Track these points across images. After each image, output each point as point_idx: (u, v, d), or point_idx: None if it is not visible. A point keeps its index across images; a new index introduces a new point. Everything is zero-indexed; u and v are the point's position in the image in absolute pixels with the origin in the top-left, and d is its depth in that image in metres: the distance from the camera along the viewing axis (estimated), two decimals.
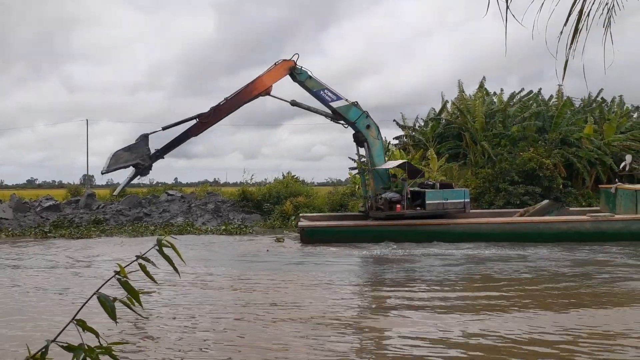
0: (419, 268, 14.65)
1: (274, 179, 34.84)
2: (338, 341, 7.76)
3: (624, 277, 12.63)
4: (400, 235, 19.98)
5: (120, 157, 17.90)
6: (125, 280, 2.12)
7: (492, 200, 27.25)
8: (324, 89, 20.65)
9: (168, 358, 7.23)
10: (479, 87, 34.76)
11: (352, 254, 17.55)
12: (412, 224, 20.37)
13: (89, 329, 2.11)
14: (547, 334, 8.00)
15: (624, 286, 11.64)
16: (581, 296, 10.64)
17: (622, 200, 20.96)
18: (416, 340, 7.70)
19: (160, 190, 36.93)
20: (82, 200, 30.91)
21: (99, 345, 2.11)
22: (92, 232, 24.79)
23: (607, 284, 11.83)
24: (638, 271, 13.42)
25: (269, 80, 19.89)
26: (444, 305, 10.03)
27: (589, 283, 11.99)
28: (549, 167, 27.41)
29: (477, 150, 30.89)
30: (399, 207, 20.61)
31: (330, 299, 10.74)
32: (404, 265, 15.15)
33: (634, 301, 10.35)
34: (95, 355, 2.07)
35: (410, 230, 20.14)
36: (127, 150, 17.94)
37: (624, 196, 20.89)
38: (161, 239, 2.20)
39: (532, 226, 20.16)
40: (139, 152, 18.15)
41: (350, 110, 20.99)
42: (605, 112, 34.04)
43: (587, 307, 9.63)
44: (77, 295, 11.48)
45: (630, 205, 20.32)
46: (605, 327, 8.27)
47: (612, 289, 11.36)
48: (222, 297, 11.34)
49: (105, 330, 5.44)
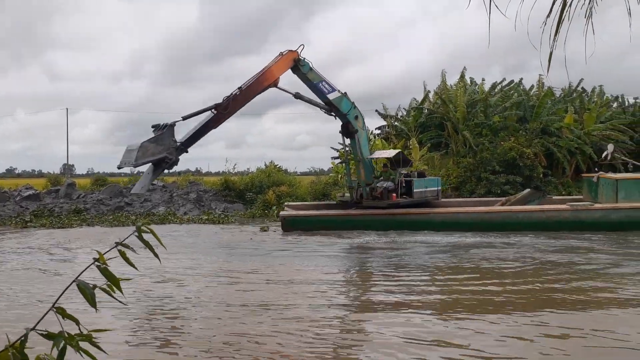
0: (408, 256, 14.74)
1: (257, 168, 34.78)
2: (321, 337, 7.78)
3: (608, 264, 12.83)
4: (384, 224, 20.22)
5: (147, 149, 16.57)
6: (105, 267, 2.12)
7: (473, 189, 27.49)
8: (322, 81, 20.40)
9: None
10: (460, 77, 34.89)
11: (336, 242, 17.64)
12: (398, 213, 20.65)
13: (68, 316, 2.10)
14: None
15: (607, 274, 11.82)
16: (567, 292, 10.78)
17: (604, 190, 21.07)
18: (404, 336, 7.73)
19: None
20: (62, 190, 30.62)
21: (79, 333, 2.10)
22: (72, 221, 24.58)
23: (591, 273, 12.01)
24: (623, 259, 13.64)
25: (277, 72, 19.41)
26: (429, 299, 10.12)
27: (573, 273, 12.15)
28: (529, 156, 27.66)
29: (459, 140, 31.06)
30: (394, 196, 20.82)
31: (316, 291, 10.78)
32: (395, 254, 15.23)
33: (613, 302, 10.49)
34: (76, 343, 2.06)
35: (395, 220, 20.41)
36: (154, 142, 16.66)
37: (606, 185, 21.02)
38: (140, 226, 2.19)
39: (512, 215, 20.30)
40: (166, 145, 16.91)
41: (343, 102, 20.87)
42: (586, 102, 34.34)
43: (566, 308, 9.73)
44: (59, 283, 11.39)
45: (611, 194, 20.48)
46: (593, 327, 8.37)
47: (596, 276, 11.54)
48: (204, 287, 11.33)
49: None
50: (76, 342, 2.06)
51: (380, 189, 21.02)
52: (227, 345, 7.23)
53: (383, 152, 23.54)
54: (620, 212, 19.55)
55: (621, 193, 19.92)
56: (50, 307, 2.10)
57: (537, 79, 34.59)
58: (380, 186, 21.09)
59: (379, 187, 21.12)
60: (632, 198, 19.79)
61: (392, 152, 22.62)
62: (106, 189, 31.11)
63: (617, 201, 19.89)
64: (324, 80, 20.41)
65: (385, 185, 21.06)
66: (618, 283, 10.72)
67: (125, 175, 42.89)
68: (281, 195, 28.41)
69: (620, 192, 19.93)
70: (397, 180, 21.20)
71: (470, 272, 12.32)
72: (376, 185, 21.26)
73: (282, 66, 19.49)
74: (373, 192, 21.23)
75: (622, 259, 13.61)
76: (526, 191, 23.11)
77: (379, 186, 21.16)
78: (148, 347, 7.27)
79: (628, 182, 20.25)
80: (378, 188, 21.12)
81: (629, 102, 37.86)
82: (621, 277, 11.26)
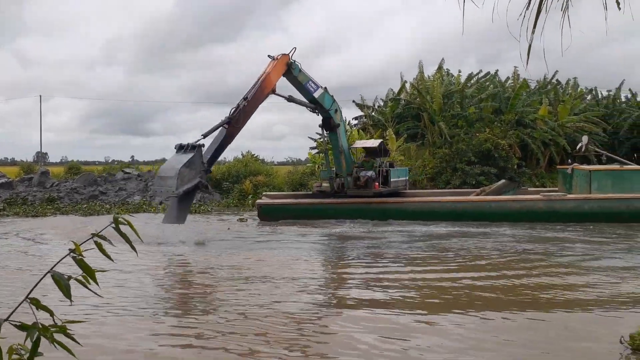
0: (386, 246, 14.83)
1: (234, 158, 34.63)
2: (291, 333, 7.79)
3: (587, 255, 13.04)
4: (365, 213, 20.49)
5: (184, 175, 16.35)
6: (81, 258, 2.10)
7: (448, 179, 27.74)
8: (309, 81, 20.22)
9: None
10: (438, 68, 35.03)
11: (312, 232, 17.67)
12: (375, 202, 20.95)
13: (42, 307, 2.08)
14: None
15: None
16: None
17: (578, 181, 21.47)
18: (374, 332, 7.76)
19: (116, 168, 36.35)
20: (35, 178, 30.18)
21: (53, 324, 2.08)
22: (46, 210, 24.25)
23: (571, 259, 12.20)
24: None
25: (274, 78, 19.09)
26: (403, 294, 10.19)
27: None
28: (504, 147, 27.97)
29: (435, 131, 31.23)
30: (377, 185, 21.09)
31: (294, 284, 10.79)
32: (373, 243, 15.30)
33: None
34: (50, 334, 2.04)
35: (371, 209, 20.59)
36: (188, 166, 16.38)
37: (580, 176, 21.44)
38: (117, 217, 2.17)
39: (486, 205, 20.52)
40: (198, 168, 16.77)
41: (325, 98, 20.77)
42: (560, 94, 34.72)
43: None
44: (33, 275, 11.24)
45: (585, 185, 20.88)
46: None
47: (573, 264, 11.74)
48: (178, 277, 11.29)
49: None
50: (50, 333, 2.04)
51: (365, 178, 21.18)
52: (199, 338, 7.21)
53: (366, 141, 23.85)
54: (592, 203, 19.89)
55: (594, 184, 20.29)
56: (23, 298, 2.07)
57: (513, 71, 34.93)
58: (364, 175, 21.23)
59: (363, 176, 21.25)
60: (605, 189, 20.18)
61: (375, 142, 22.92)
62: (80, 177, 30.72)
63: (590, 192, 20.24)
64: (310, 79, 20.26)
65: (368, 174, 21.23)
66: (594, 277, 10.92)
67: (100, 163, 42.51)
68: (258, 185, 28.35)
69: (593, 183, 20.30)
70: (379, 170, 21.49)
71: (447, 263, 12.45)
72: (359, 175, 21.38)
73: (278, 71, 19.19)
74: (357, 181, 21.36)
75: (597, 249, 13.88)
76: (501, 182, 23.40)
77: (362, 175, 21.29)
78: (125, 341, 7.22)
79: (601, 173, 20.66)
80: (362, 177, 21.25)
81: (603, 95, 38.43)
82: (599, 271, 11.47)
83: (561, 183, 23.53)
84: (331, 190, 21.95)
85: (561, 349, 6.54)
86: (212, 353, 6.58)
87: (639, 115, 34.13)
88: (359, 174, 21.42)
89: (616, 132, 34.51)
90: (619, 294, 9.28)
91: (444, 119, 31.00)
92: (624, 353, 6.25)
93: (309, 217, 20.36)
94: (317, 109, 20.86)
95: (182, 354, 6.59)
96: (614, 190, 20.17)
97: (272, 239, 16.72)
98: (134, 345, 6.87)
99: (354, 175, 21.45)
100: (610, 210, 19.61)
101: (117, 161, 43.33)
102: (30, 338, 2.01)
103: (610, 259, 12.53)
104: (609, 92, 38.11)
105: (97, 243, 2.16)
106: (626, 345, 6.34)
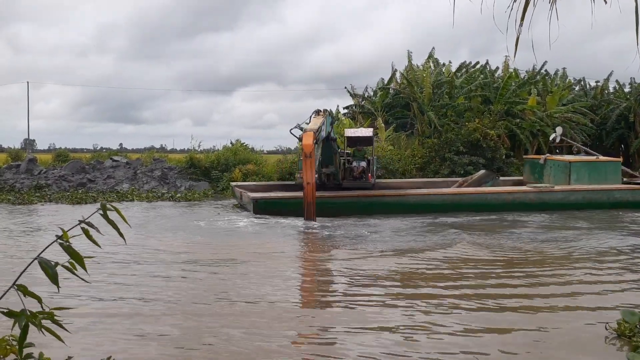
0: (387, 239, 14.87)
1: (223, 146, 34.46)
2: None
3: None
4: (362, 207, 19.45)
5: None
6: (68, 244, 2.10)
7: (437, 169, 27.85)
8: (321, 132, 18.27)
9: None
10: (428, 57, 35.04)
11: (300, 225, 17.48)
12: (376, 195, 20.13)
13: (30, 294, 2.08)
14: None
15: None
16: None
17: (552, 171, 21.93)
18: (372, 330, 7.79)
19: (105, 155, 36.11)
20: (22, 165, 29.93)
21: (41, 311, 2.09)
22: (33, 197, 24.08)
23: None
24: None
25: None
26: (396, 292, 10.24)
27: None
28: (492, 137, 28.11)
29: (424, 121, 31.30)
30: (370, 176, 20.61)
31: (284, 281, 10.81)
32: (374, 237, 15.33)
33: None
34: (38, 321, 2.05)
35: (373, 202, 19.67)
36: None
37: (555, 167, 21.92)
38: (105, 204, 2.18)
39: (470, 197, 20.50)
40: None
41: (327, 125, 19.12)
42: (549, 84, 34.91)
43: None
44: (20, 261, 11.20)
45: (562, 176, 21.41)
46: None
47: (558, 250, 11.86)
48: (174, 269, 11.27)
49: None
50: (39, 320, 2.05)
51: (359, 169, 20.60)
52: (184, 335, 7.23)
53: (357, 130, 22.72)
54: (577, 194, 20.59)
55: (574, 175, 21.20)
56: (10, 285, 2.08)
57: (503, 61, 35.01)
58: (357, 166, 20.63)
59: (356, 167, 20.61)
60: (583, 180, 21.17)
61: (367, 131, 21.90)
62: (68, 165, 30.51)
63: (570, 183, 21.10)
64: (321, 129, 18.34)
65: (362, 164, 20.69)
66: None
67: (88, 151, 42.24)
68: (247, 174, 28.28)
69: (572, 174, 21.20)
70: (370, 160, 20.96)
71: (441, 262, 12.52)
72: (352, 165, 20.69)
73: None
74: (351, 172, 20.74)
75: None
76: (481, 172, 23.54)
77: (355, 166, 20.65)
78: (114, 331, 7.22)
79: (580, 164, 21.56)
80: (356, 168, 20.62)
81: (591, 86, 38.66)
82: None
83: (528, 173, 23.96)
84: (320, 182, 20.44)
85: (547, 337, 6.62)
86: (211, 353, 6.60)
87: (626, 107, 34.43)
88: (351, 165, 20.71)
89: (604, 122, 34.79)
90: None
91: (433, 109, 31.07)
92: (610, 337, 6.38)
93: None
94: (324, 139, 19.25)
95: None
96: (591, 181, 21.19)
97: (269, 230, 16.69)
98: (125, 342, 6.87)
99: (346, 166, 20.76)
100: (592, 201, 20.42)
101: (105, 149, 43.06)
102: (19, 325, 2.02)
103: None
104: (596, 82, 38.38)
105: (85, 230, 2.16)
106: (611, 332, 6.45)
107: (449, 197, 20.44)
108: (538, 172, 22.90)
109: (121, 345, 6.39)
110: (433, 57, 35.00)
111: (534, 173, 23.24)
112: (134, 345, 6.45)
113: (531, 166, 23.75)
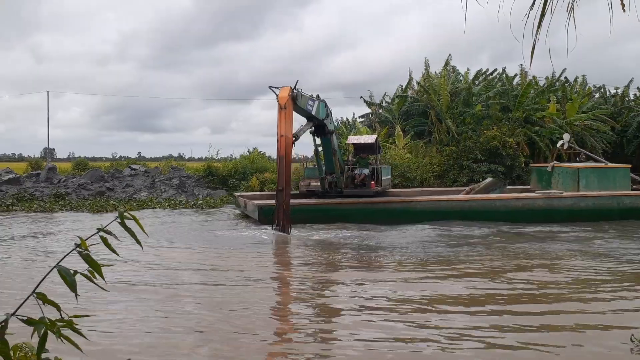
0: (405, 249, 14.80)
1: (240, 154, 34.64)
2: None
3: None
4: (364, 215, 19.31)
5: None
6: (87, 253, 2.10)
7: (455, 177, 27.68)
8: (307, 101, 18.51)
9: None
10: (444, 65, 34.92)
11: (312, 234, 17.35)
12: (381, 202, 20.09)
13: (49, 302, 2.08)
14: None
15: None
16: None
17: (561, 179, 21.80)
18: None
19: (124, 164, 36.47)
20: (42, 174, 30.31)
21: (60, 319, 2.08)
22: (54, 206, 24.33)
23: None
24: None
25: (289, 131, 17.36)
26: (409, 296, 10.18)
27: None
28: (511, 145, 27.90)
29: (442, 128, 31.18)
30: (373, 184, 20.35)
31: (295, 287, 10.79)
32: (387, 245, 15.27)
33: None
34: (57, 329, 2.05)
35: (377, 210, 19.62)
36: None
37: (563, 174, 21.80)
38: (122, 211, 2.18)
39: (478, 204, 20.29)
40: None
41: (320, 109, 19.24)
42: (568, 91, 34.58)
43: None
44: (40, 269, 11.30)
45: (571, 183, 21.28)
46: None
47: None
48: (195, 276, 11.31)
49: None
50: (57, 328, 2.04)
51: (361, 176, 20.40)
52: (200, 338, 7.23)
53: (360, 137, 22.45)
54: (588, 200, 20.35)
55: (582, 181, 21.04)
56: (30, 293, 2.08)
57: (521, 69, 34.77)
58: (360, 173, 20.47)
59: (359, 174, 20.45)
60: (592, 187, 20.98)
61: (371, 138, 21.68)
62: (87, 173, 30.84)
63: (579, 189, 20.93)
64: (308, 99, 18.55)
65: (365, 172, 20.48)
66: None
67: (107, 159, 42.66)
68: (265, 182, 28.33)
69: (581, 181, 21.04)
70: (374, 168, 20.74)
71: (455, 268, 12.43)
72: (355, 173, 20.55)
73: (290, 120, 17.42)
74: (353, 180, 20.54)
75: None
76: (488, 180, 23.29)
77: (357, 173, 20.49)
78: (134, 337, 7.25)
79: (588, 170, 21.38)
80: (358, 175, 20.46)
81: (611, 93, 38.24)
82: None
83: (535, 181, 23.84)
84: (322, 190, 20.55)
85: (570, 347, 6.52)
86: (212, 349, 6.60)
87: None
88: (354, 172, 20.54)
89: (624, 130, 34.37)
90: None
91: (451, 117, 30.94)
92: (635, 349, 6.26)
93: (316, 220, 18.66)
94: (313, 120, 19.33)
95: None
96: (600, 188, 20.98)
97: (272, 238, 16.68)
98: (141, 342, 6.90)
99: (349, 174, 20.60)
100: (602, 207, 20.17)
101: (124, 157, 43.46)
102: (38, 333, 2.01)
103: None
104: (617, 90, 37.94)
105: (103, 238, 2.16)
106: (637, 343, 6.33)
107: (457, 204, 20.26)
108: (546, 179, 22.76)
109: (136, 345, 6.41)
110: (450, 64, 34.87)
111: (542, 181, 23.09)
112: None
113: (538, 174, 23.58)
